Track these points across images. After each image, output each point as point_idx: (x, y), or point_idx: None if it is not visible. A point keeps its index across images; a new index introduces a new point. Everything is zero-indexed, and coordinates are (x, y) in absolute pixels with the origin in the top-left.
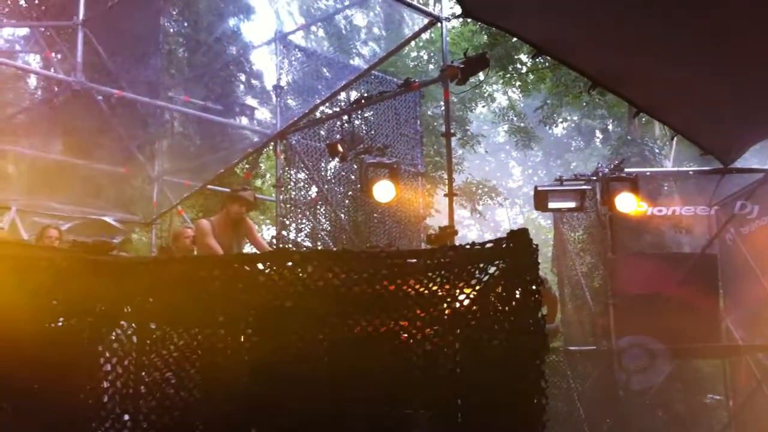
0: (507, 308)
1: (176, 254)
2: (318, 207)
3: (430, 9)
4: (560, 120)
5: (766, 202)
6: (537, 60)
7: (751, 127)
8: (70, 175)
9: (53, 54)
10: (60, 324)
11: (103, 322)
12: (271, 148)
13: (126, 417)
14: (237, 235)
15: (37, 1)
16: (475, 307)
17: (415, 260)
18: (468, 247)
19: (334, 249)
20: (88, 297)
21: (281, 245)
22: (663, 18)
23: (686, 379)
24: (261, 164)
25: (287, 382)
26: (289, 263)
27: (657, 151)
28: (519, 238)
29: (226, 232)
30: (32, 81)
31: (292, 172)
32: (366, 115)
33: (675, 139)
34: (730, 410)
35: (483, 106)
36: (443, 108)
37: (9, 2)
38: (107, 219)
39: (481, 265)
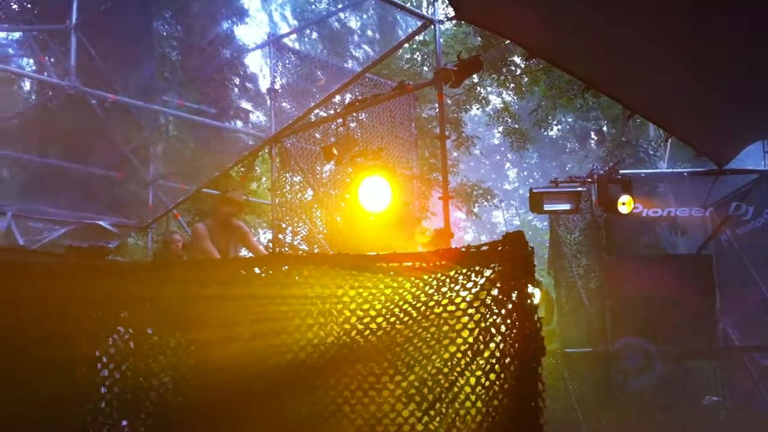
0: (503, 311)
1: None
2: (314, 210)
3: (423, 11)
4: (555, 122)
5: (761, 204)
6: (530, 62)
7: (744, 129)
8: (65, 179)
9: (47, 58)
10: (56, 329)
11: (100, 327)
12: (266, 151)
13: (124, 423)
14: (233, 239)
15: (29, 5)
16: (471, 310)
17: (410, 263)
18: (463, 249)
19: (331, 252)
20: (84, 302)
21: (277, 249)
22: (656, 22)
23: (683, 380)
24: (257, 167)
25: (286, 386)
26: (285, 267)
27: (651, 152)
28: (515, 240)
29: (222, 236)
30: (26, 85)
31: (287, 175)
32: (360, 117)
33: (669, 140)
34: (727, 411)
35: (477, 108)
36: (438, 110)
37: (1, 6)
38: (102, 223)
39: (477, 268)
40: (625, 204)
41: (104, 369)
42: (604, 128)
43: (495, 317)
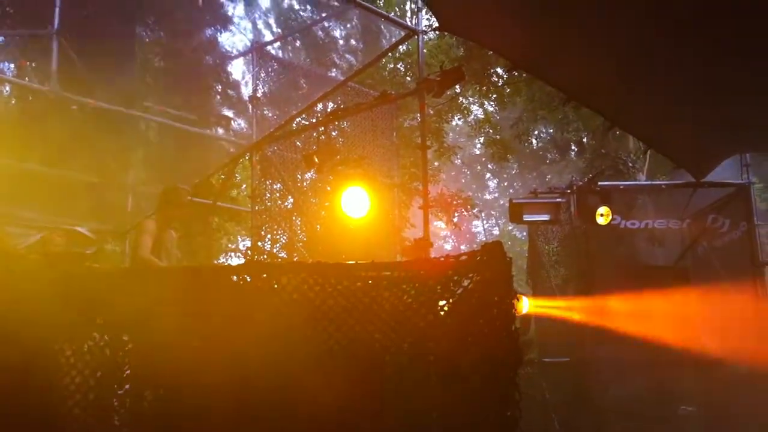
0: (481, 320)
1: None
2: (294, 218)
3: (407, 22)
4: (535, 132)
5: (738, 216)
6: (512, 73)
7: (722, 143)
8: (44, 184)
9: (28, 62)
10: (32, 335)
11: (75, 333)
12: (247, 158)
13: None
14: (174, 241)
15: (12, 10)
16: (449, 320)
17: (389, 273)
18: (443, 259)
19: (310, 261)
20: (60, 308)
21: (256, 256)
22: (637, 35)
23: (661, 389)
24: (237, 174)
25: (259, 393)
26: (264, 275)
27: (631, 164)
28: (493, 250)
29: (166, 235)
30: (6, 89)
31: (267, 182)
32: (342, 126)
33: (648, 152)
34: (704, 421)
35: (459, 119)
36: (420, 120)
37: None
38: (80, 229)
39: (456, 278)
40: (604, 215)
41: (79, 375)
42: (584, 140)
43: (473, 327)
